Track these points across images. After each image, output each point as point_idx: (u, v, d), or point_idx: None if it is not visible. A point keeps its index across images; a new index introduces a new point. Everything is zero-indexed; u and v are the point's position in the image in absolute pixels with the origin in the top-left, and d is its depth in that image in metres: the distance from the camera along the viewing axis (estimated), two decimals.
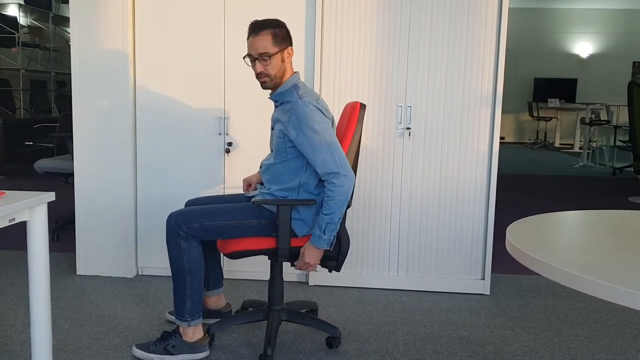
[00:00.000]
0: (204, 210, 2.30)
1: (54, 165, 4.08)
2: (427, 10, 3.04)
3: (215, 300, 2.68)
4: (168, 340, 2.33)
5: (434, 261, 3.20)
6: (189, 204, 2.57)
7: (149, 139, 3.26)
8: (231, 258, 2.32)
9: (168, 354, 2.31)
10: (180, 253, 2.26)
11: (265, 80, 2.28)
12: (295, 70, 2.34)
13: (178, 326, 2.35)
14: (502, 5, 2.99)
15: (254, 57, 2.25)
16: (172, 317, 2.70)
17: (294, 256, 2.32)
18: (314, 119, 2.17)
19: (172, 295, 2.35)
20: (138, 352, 2.33)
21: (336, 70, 3.12)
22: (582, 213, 1.82)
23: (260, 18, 3.11)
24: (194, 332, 2.34)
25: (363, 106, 2.34)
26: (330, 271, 2.35)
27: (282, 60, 2.26)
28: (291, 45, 2.30)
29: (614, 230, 1.59)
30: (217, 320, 2.55)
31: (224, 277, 3.33)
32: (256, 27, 2.24)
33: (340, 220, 2.20)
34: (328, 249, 2.22)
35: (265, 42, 2.22)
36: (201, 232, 2.26)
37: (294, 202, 2.27)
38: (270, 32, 2.22)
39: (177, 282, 2.29)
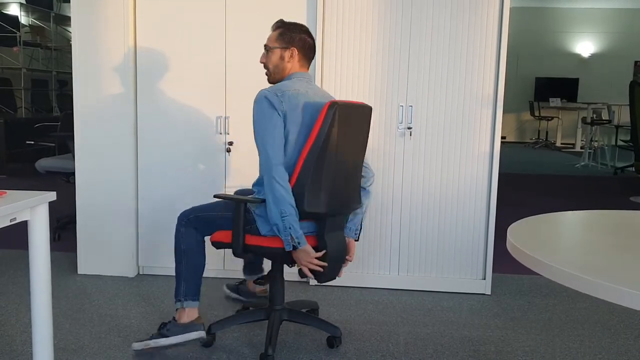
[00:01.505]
0: (203, 205, 2.49)
1: (55, 164, 4.09)
2: (429, 10, 3.04)
3: (252, 284, 2.94)
4: (165, 326, 2.43)
5: (434, 261, 3.20)
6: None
7: (150, 138, 3.26)
8: (215, 247, 2.42)
9: (163, 337, 2.39)
10: (179, 237, 2.44)
11: (266, 73, 2.41)
12: (292, 71, 2.35)
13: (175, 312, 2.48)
14: (503, 5, 2.99)
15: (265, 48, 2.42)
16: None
17: (250, 252, 2.33)
18: (256, 109, 2.22)
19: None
20: (136, 345, 2.39)
21: (337, 70, 3.12)
22: (583, 213, 1.82)
23: (261, 17, 3.14)
24: (188, 315, 2.43)
25: (332, 105, 2.17)
26: (319, 281, 2.36)
27: (281, 58, 2.35)
28: (298, 49, 2.34)
29: (615, 230, 1.59)
30: (218, 320, 2.55)
31: (227, 276, 3.34)
32: (275, 24, 2.41)
33: (286, 219, 2.15)
34: (291, 248, 2.19)
35: (272, 36, 2.38)
36: (196, 221, 2.45)
37: (245, 199, 2.28)
38: (281, 30, 2.36)
39: (176, 265, 2.46)
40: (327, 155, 2.18)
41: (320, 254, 2.25)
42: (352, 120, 2.26)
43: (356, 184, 2.39)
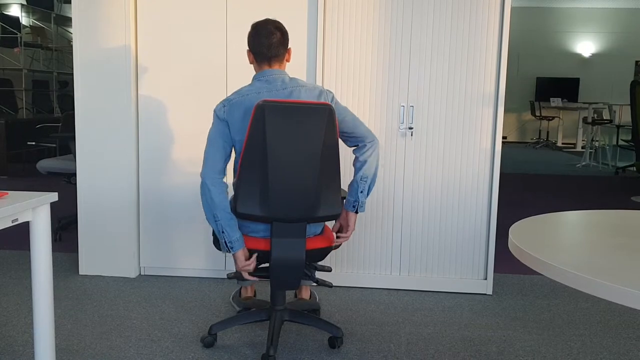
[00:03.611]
0: None
1: (57, 165, 4.09)
2: (430, 10, 3.04)
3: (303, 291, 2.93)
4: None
5: (436, 261, 3.20)
6: None
7: (152, 139, 3.26)
8: (216, 248, 2.48)
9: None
10: None
11: None
12: (257, 72, 2.37)
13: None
14: (504, 5, 2.99)
15: None
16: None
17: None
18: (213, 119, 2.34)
19: None
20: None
21: (338, 71, 3.12)
22: (585, 213, 1.82)
23: (262, 16, 3.13)
24: (245, 291, 2.91)
25: (259, 106, 2.10)
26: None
27: (250, 61, 2.39)
28: (250, 49, 2.35)
29: (616, 230, 1.59)
30: (220, 320, 2.55)
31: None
32: None
33: (219, 223, 2.22)
34: (227, 251, 2.26)
35: None
36: None
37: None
38: None
39: None
40: (259, 157, 2.13)
41: (250, 261, 2.25)
42: (292, 120, 2.12)
43: (315, 190, 2.19)
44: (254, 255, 2.27)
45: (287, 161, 2.14)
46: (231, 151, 2.29)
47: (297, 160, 2.15)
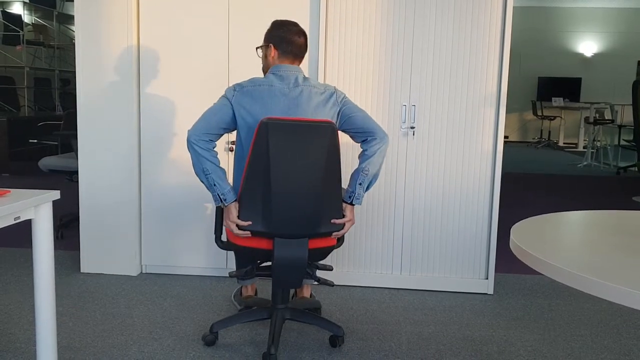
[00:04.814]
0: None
1: (58, 163, 4.09)
2: (432, 9, 3.04)
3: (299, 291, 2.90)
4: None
5: (437, 260, 3.20)
6: None
7: (153, 137, 3.27)
8: (219, 247, 2.51)
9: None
10: None
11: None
12: (278, 65, 2.40)
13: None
14: (506, 4, 2.99)
15: None
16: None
17: (228, 248, 2.46)
18: None
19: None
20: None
21: (340, 70, 3.12)
22: (586, 213, 1.82)
23: (264, 15, 3.14)
24: (245, 290, 2.86)
25: (263, 124, 2.12)
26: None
27: (265, 56, 2.45)
28: (274, 45, 2.39)
29: (617, 230, 1.59)
30: (221, 319, 2.55)
31: (227, 275, 3.34)
32: None
33: (209, 177, 2.24)
34: (220, 203, 2.28)
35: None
36: None
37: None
38: (268, 29, 2.46)
39: None
40: (262, 174, 2.16)
41: (244, 223, 2.22)
42: (295, 138, 2.14)
43: (317, 208, 2.21)
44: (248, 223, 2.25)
45: (289, 179, 2.16)
46: (224, 132, 2.33)
47: (300, 178, 2.17)
